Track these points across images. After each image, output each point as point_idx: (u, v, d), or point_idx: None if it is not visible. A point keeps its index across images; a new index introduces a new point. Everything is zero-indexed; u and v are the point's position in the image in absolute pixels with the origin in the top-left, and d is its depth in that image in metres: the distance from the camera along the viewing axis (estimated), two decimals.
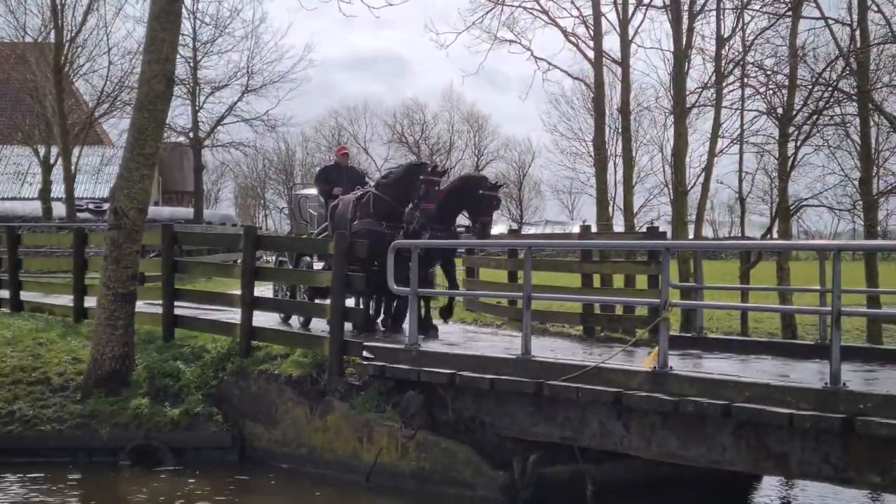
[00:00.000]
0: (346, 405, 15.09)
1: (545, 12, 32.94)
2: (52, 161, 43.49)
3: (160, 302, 18.67)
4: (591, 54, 32.30)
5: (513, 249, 20.55)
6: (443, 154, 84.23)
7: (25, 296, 23.15)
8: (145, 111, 16.98)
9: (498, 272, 22.84)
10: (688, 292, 18.67)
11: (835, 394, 10.71)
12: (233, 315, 17.63)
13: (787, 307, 23.35)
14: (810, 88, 28.01)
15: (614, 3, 31.51)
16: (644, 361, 12.59)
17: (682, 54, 28.74)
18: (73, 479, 14.80)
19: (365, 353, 15.32)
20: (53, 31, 40.36)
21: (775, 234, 28.45)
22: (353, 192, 18.22)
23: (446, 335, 16.88)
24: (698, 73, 32.05)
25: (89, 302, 19.50)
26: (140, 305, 17.86)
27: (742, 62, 29.20)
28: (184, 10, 24.80)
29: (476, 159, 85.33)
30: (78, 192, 46.25)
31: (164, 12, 16.89)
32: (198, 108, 48.32)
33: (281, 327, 18.54)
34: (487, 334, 18.56)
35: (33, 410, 16.23)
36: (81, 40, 41.71)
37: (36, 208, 45.07)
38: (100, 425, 16.00)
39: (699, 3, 29.61)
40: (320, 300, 17.75)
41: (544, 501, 13.36)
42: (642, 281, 18.47)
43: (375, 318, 18.37)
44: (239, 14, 45.94)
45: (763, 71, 29.17)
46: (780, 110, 28.17)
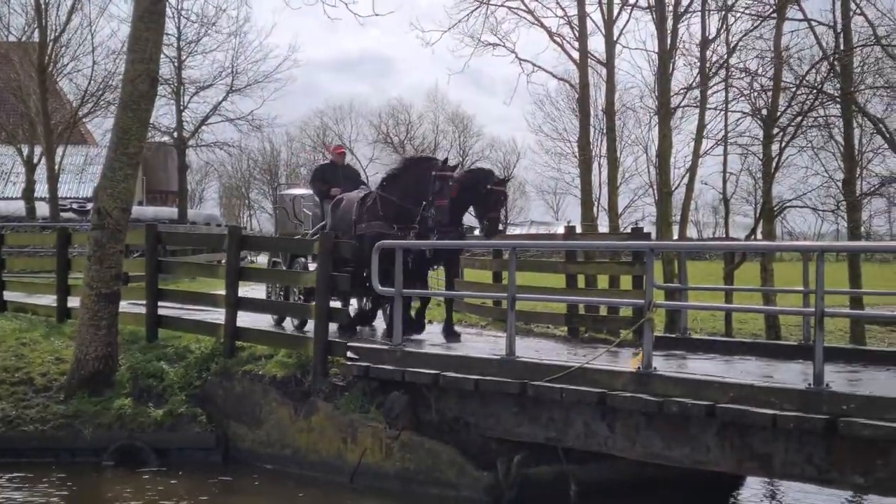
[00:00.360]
0: (330, 406, 15.06)
1: (530, 12, 32.93)
2: (35, 160, 43.31)
3: (144, 302, 18.60)
4: (576, 55, 32.33)
5: (497, 250, 20.54)
6: (428, 154, 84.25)
7: (9, 296, 23.08)
8: (129, 111, 16.94)
9: (483, 272, 22.84)
10: (672, 293, 18.69)
11: (818, 395, 10.73)
12: (217, 315, 17.57)
13: (770, 308, 23.41)
14: (794, 90, 28.13)
15: (599, 3, 31.55)
16: (630, 363, 12.60)
17: (666, 55, 28.80)
18: (56, 480, 14.72)
19: (349, 354, 15.29)
20: (37, 30, 40.21)
21: (759, 234, 28.52)
22: (355, 192, 17.91)
23: (431, 336, 16.84)
24: (683, 75, 32.01)
25: (73, 302, 19.46)
26: (124, 305, 17.82)
27: (726, 64, 29.28)
28: (168, 9, 24.77)
29: (461, 160, 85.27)
30: (61, 192, 46.11)
31: (148, 12, 16.86)
32: (182, 107, 48.27)
33: (274, 329, 18.41)
34: (472, 335, 18.51)
35: (16, 411, 16.16)
36: (65, 39, 41.68)
37: (19, 208, 44.89)
38: (83, 426, 15.93)
39: (684, 4, 29.73)
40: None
41: (528, 502, 13.35)
42: (627, 281, 18.51)
43: (371, 320, 18.33)
44: (224, 12, 45.92)
45: (747, 73, 29.26)
46: (765, 112, 28.28)
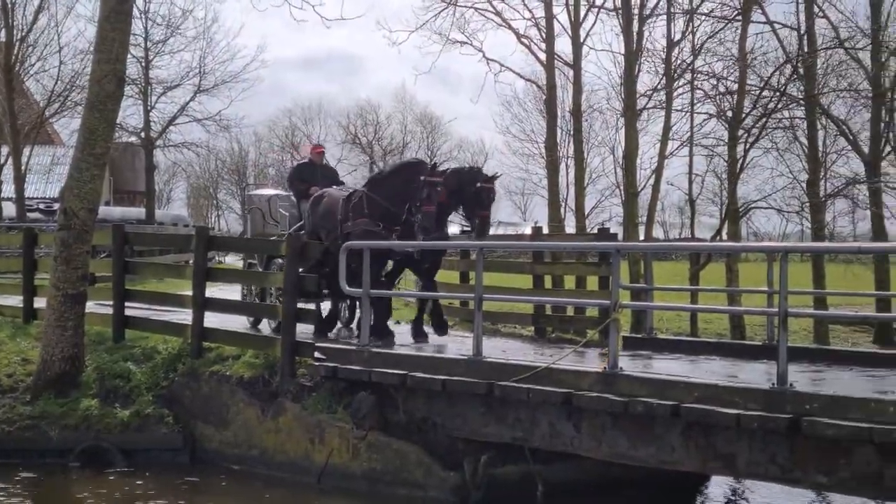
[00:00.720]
0: (297, 406, 15.03)
1: (498, 14, 33.04)
2: (1, 161, 43.05)
3: (111, 303, 18.50)
4: (543, 56, 32.47)
5: (465, 250, 20.53)
6: (396, 155, 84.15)
7: None
8: (96, 111, 16.86)
9: (450, 273, 22.86)
10: (638, 293, 18.73)
11: (782, 394, 10.78)
12: (184, 316, 17.50)
13: (735, 308, 23.50)
14: (759, 92, 28.28)
15: (566, 5, 31.71)
16: (600, 366, 12.60)
17: (632, 57, 28.92)
18: (23, 481, 14.66)
19: (317, 354, 15.25)
20: (4, 29, 39.95)
21: (725, 235, 28.63)
22: (337, 190, 17.69)
23: (398, 336, 16.81)
24: (649, 77, 32.14)
25: (39, 303, 19.35)
26: (90, 306, 17.72)
27: (692, 66, 29.40)
28: (135, 9, 24.67)
29: (429, 159, 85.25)
30: (28, 192, 45.85)
31: (115, 12, 16.78)
32: (149, 107, 48.04)
33: (242, 330, 18.22)
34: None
35: None
36: (32, 39, 41.45)
37: None
38: (49, 427, 15.84)
39: (649, 6, 29.86)
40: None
41: (495, 502, 13.37)
42: (593, 282, 18.55)
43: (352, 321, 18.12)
44: (191, 14, 45.91)
45: (712, 75, 29.39)
46: (730, 113, 28.43)
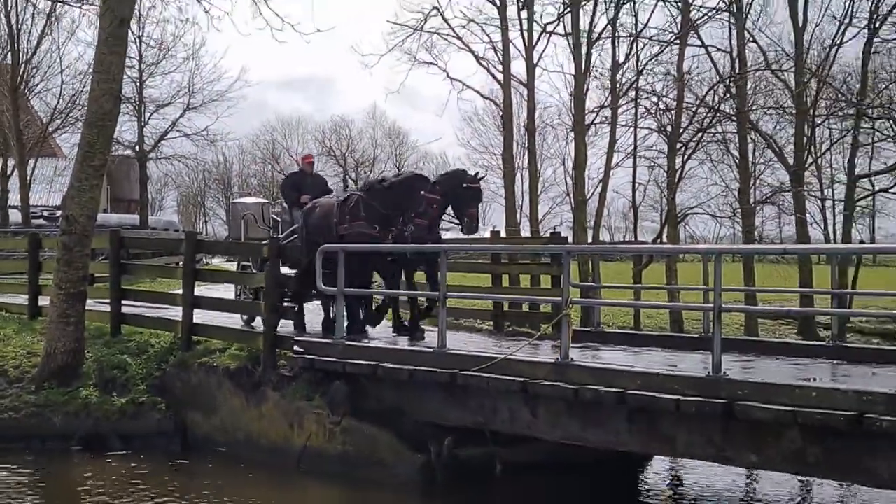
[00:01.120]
0: (278, 395, 14.98)
1: (459, 38, 33.09)
2: (8, 172, 42.70)
3: (108, 301, 18.44)
4: (501, 77, 32.56)
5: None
6: (367, 166, 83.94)
7: None
8: (94, 127, 16.79)
9: (418, 273, 22.82)
10: (587, 291, 18.79)
11: (716, 382, 10.81)
12: (175, 313, 17.40)
13: (674, 304, 23.55)
14: (695, 109, 28.47)
15: (521, 29, 31.77)
16: (553, 357, 12.61)
17: (581, 77, 29.03)
18: (28, 464, 14.59)
19: (296, 347, 15.21)
20: (10, 53, 39.67)
21: (665, 238, 28.78)
22: (328, 198, 17.17)
23: (369, 331, 16.76)
24: (596, 94, 32.31)
25: (43, 301, 19.19)
26: (90, 304, 17.60)
27: (635, 85, 29.53)
28: (130, 34, 24.47)
29: (397, 171, 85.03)
30: (33, 201, 45.37)
31: (112, 37, 16.72)
32: (143, 123, 48.07)
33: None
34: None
35: None
36: (36, 62, 41.13)
37: None
38: (53, 414, 15.77)
39: (597, 31, 29.98)
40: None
41: (458, 481, 13.35)
42: (546, 281, 18.53)
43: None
44: (181, 38, 45.68)
45: (654, 93, 29.56)
46: (669, 128, 28.59)
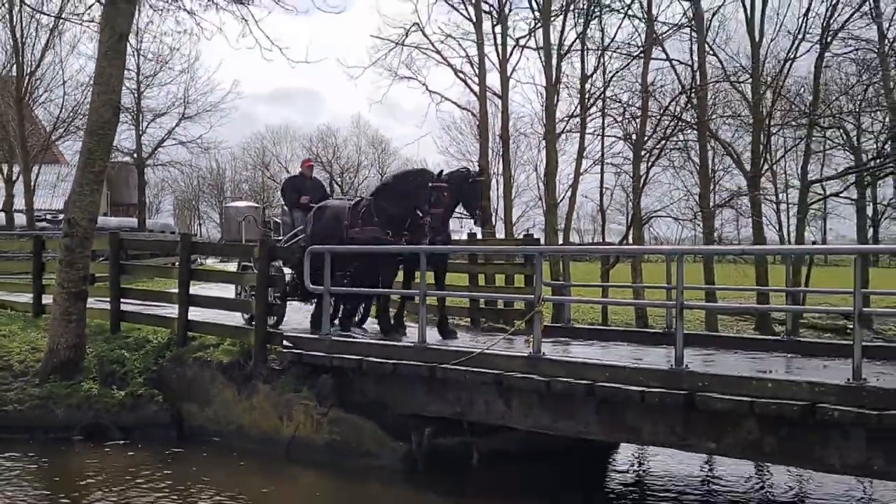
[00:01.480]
0: (268, 387, 14.93)
1: (438, 52, 33.16)
2: (14, 178, 42.54)
3: (108, 299, 18.35)
4: (477, 88, 32.63)
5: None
6: (352, 172, 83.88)
7: None
8: (95, 135, 16.72)
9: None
10: (558, 289, 18.79)
11: (678, 374, 10.85)
12: (171, 310, 17.33)
13: (639, 301, 23.64)
14: (658, 118, 28.54)
15: (495, 44, 31.86)
16: (526, 351, 12.61)
17: (552, 88, 29.06)
18: (33, 452, 14.49)
19: (285, 343, 15.20)
20: (15, 65, 39.59)
21: (630, 240, 28.83)
22: (339, 201, 17.11)
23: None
24: (566, 104, 32.40)
25: (46, 299, 19.11)
26: (91, 302, 17.49)
27: (603, 95, 29.60)
28: (129, 48, 24.33)
29: (380, 177, 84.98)
30: (37, 205, 45.11)
31: (112, 50, 16.66)
32: (141, 132, 47.87)
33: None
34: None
35: None
36: (40, 74, 41.02)
37: (0, 219, 44.08)
38: (55, 406, 15.68)
39: (566, 45, 30.08)
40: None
41: (437, 468, 13.34)
42: (520, 280, 18.52)
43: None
44: (177, 52, 45.54)
45: (620, 103, 29.64)
46: (634, 136, 28.66)
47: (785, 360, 13.06)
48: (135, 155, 48.97)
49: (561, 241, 28.71)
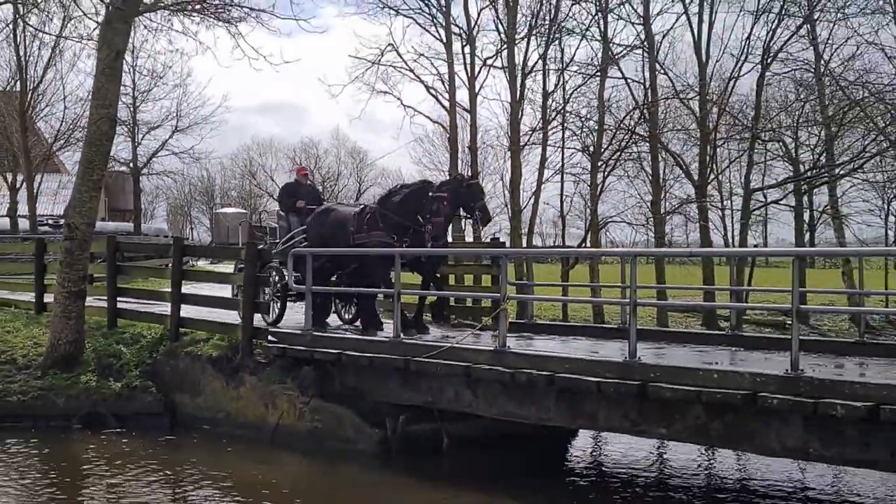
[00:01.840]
0: (255, 378, 14.89)
1: (411, 70, 33.21)
2: (18, 185, 42.20)
3: (106, 298, 18.25)
4: (447, 104, 32.70)
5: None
6: (332, 181, 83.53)
7: None
8: (93, 146, 16.65)
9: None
10: (522, 288, 18.80)
11: (632, 366, 10.89)
12: (165, 308, 17.24)
13: (596, 300, 23.72)
14: (614, 132, 28.65)
15: (464, 63, 31.93)
16: (493, 345, 12.61)
17: (516, 104, 29.19)
18: (35, 440, 14.43)
19: (270, 337, 15.17)
20: (19, 81, 39.27)
21: (588, 243, 28.91)
22: (345, 207, 16.68)
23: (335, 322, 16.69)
24: (529, 118, 32.52)
25: (48, 298, 18.96)
26: (89, 300, 17.39)
27: (563, 110, 29.69)
28: (125, 65, 24.22)
29: (358, 185, 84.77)
30: (39, 210, 44.74)
31: (108, 68, 16.58)
32: (136, 143, 48.05)
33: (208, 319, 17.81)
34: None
35: (2, 385, 15.75)
36: (42, 89, 40.62)
37: (5, 223, 43.71)
38: (56, 396, 15.61)
39: (530, 64, 30.17)
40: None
41: (411, 452, 13.35)
42: (487, 279, 18.56)
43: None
44: (170, 69, 45.33)
45: (579, 118, 29.75)
46: (592, 148, 28.74)
47: (729, 352, 13.11)
48: (131, 164, 49.02)
49: (525, 245, 28.79)
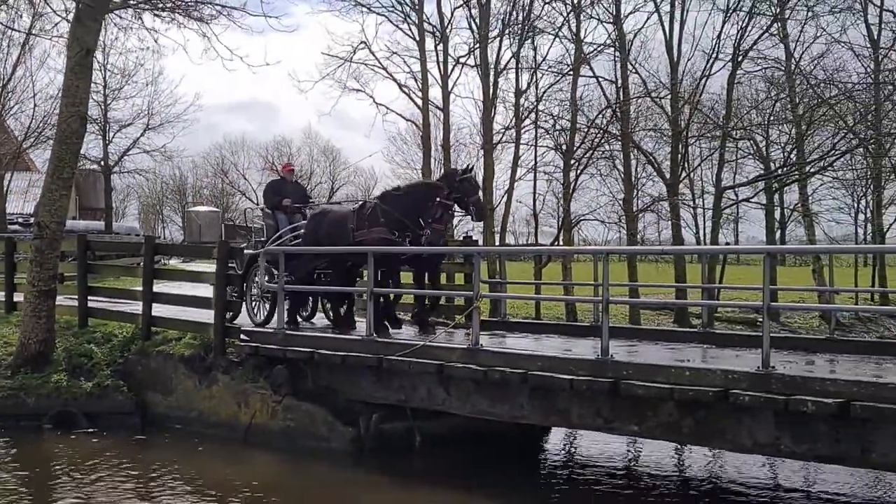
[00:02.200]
0: (227, 377, 14.82)
1: (384, 68, 33.17)
2: None
3: (77, 297, 18.09)
4: (420, 102, 32.67)
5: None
6: (305, 179, 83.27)
7: None
8: (63, 144, 16.51)
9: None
10: (495, 286, 18.79)
11: (604, 363, 10.90)
12: (136, 307, 17.14)
13: (569, 297, 23.75)
14: (587, 130, 28.74)
15: (437, 61, 31.92)
16: (466, 343, 12.60)
17: (489, 102, 29.22)
18: (5, 439, 14.31)
19: (242, 336, 15.07)
20: None
21: (561, 241, 28.99)
22: (341, 206, 16.50)
23: (314, 321, 16.61)
24: (502, 117, 32.59)
25: (18, 297, 18.83)
26: (60, 300, 17.27)
27: (536, 109, 29.74)
28: (95, 63, 24.05)
29: (331, 184, 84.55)
30: (9, 209, 44.58)
31: (79, 65, 16.45)
32: (108, 141, 47.73)
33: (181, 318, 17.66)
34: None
35: None
36: (11, 87, 40.43)
37: None
38: (27, 396, 15.49)
39: (502, 63, 30.18)
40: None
41: (383, 450, 13.33)
42: (460, 278, 18.54)
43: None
44: (142, 66, 45.09)
45: (551, 116, 29.80)
46: (564, 147, 28.81)
47: (701, 350, 13.16)
48: (102, 162, 48.73)
49: (498, 243, 28.84)
